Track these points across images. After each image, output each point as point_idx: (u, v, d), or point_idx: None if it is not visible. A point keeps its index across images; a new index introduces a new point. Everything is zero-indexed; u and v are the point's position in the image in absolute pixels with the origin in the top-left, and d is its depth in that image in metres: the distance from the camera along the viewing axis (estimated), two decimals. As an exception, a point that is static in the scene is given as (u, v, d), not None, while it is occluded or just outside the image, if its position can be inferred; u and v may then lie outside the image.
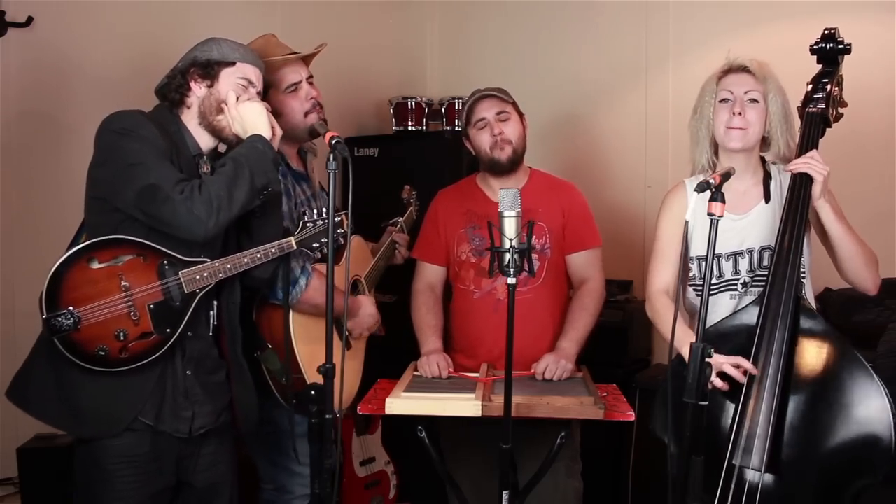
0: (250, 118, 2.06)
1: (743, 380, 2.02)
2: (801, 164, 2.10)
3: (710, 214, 1.82)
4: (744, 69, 2.23)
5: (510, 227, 1.93)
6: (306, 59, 2.51)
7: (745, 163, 2.25)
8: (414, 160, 3.70)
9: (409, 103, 3.86)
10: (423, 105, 3.88)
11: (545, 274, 2.64)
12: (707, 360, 1.82)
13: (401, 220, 2.88)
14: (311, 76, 2.49)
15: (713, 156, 2.30)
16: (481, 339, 2.62)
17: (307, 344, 2.31)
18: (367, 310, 2.57)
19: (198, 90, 2.10)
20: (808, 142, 2.17)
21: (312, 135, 2.44)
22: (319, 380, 1.95)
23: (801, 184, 2.11)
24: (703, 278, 1.88)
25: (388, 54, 4.23)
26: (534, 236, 2.41)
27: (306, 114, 2.44)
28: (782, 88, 2.23)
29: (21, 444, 2.55)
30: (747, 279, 2.25)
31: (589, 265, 2.69)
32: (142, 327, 1.94)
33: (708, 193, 1.84)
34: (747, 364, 2.02)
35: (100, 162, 2.00)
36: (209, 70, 2.09)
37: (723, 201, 1.83)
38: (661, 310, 2.30)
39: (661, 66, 3.76)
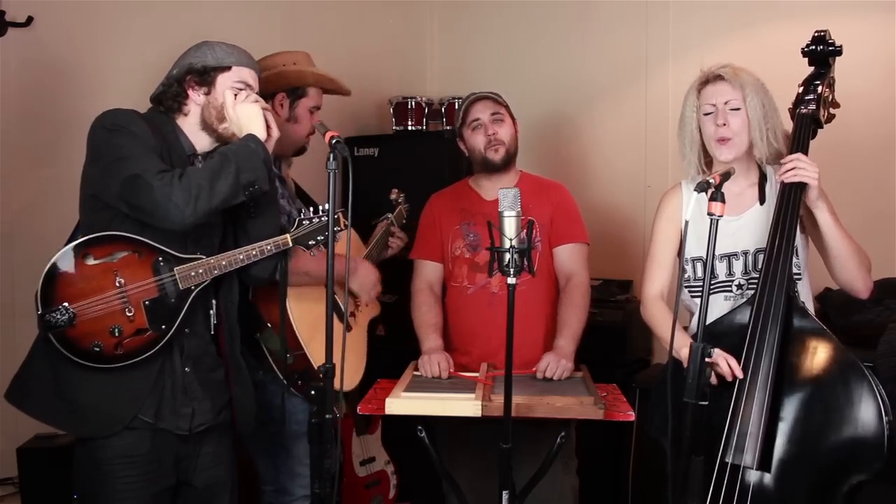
0: (246, 119, 2.06)
1: (730, 377, 2.04)
2: (790, 174, 2.10)
3: (710, 214, 1.83)
4: (720, 78, 2.23)
5: (510, 226, 1.93)
6: (327, 90, 2.66)
7: (738, 166, 2.24)
8: (414, 160, 3.70)
9: (409, 103, 3.86)
10: (423, 105, 3.88)
11: (537, 266, 2.67)
12: (707, 359, 1.83)
13: (391, 215, 2.89)
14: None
15: (702, 165, 2.30)
16: (476, 333, 2.65)
17: (305, 320, 2.34)
18: (366, 270, 2.60)
19: (196, 97, 2.10)
20: (799, 143, 2.18)
21: (299, 153, 2.62)
22: (321, 358, 1.95)
23: (793, 183, 2.11)
24: (703, 278, 1.89)
25: (388, 54, 4.23)
26: (523, 230, 2.45)
27: (308, 135, 2.57)
28: (761, 87, 2.23)
29: (21, 444, 2.55)
30: (742, 281, 2.25)
31: (574, 259, 2.71)
32: (137, 324, 1.94)
33: (706, 194, 1.84)
34: (735, 366, 2.03)
35: (91, 159, 2.01)
36: (206, 76, 2.09)
37: (723, 201, 1.84)
38: (656, 314, 2.32)
39: (661, 66, 3.76)
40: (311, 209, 2.19)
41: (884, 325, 2.72)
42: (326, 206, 2.03)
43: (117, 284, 1.93)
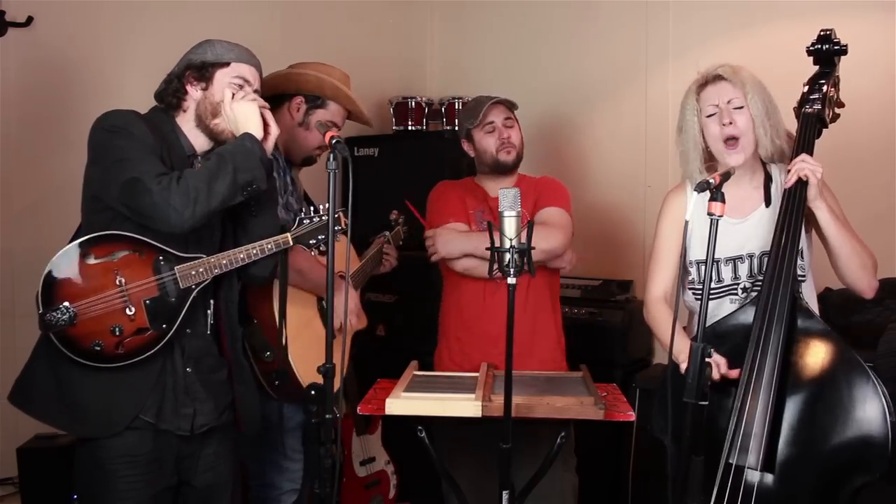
0: (242, 117, 2.06)
1: (716, 376, 2.03)
2: (793, 174, 2.10)
3: (709, 214, 1.82)
4: (719, 77, 2.22)
5: (510, 226, 1.93)
6: (349, 112, 2.70)
7: (743, 167, 2.24)
8: (414, 160, 3.70)
9: (409, 103, 3.86)
10: (423, 105, 3.88)
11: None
12: (707, 359, 1.83)
13: (388, 234, 2.90)
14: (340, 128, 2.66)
15: (705, 171, 2.28)
16: (479, 317, 2.66)
17: (289, 322, 2.33)
18: (349, 295, 2.57)
19: (194, 93, 2.10)
20: (804, 143, 2.17)
21: (305, 163, 2.63)
22: (300, 359, 1.95)
23: (797, 184, 2.11)
24: (703, 279, 1.89)
25: (388, 54, 4.23)
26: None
27: (318, 147, 2.59)
28: (760, 85, 2.22)
29: (21, 444, 2.55)
30: (747, 284, 2.25)
31: (551, 216, 2.68)
32: (137, 323, 1.94)
33: (707, 194, 1.84)
34: (725, 371, 2.04)
35: (91, 160, 2.02)
36: (204, 72, 2.09)
37: (723, 201, 1.83)
38: (658, 317, 2.31)
39: (661, 66, 3.76)
40: (312, 208, 2.19)
41: (884, 325, 2.72)
42: (327, 205, 2.03)
43: (118, 283, 1.93)
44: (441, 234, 2.68)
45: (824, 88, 2.24)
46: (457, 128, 2.89)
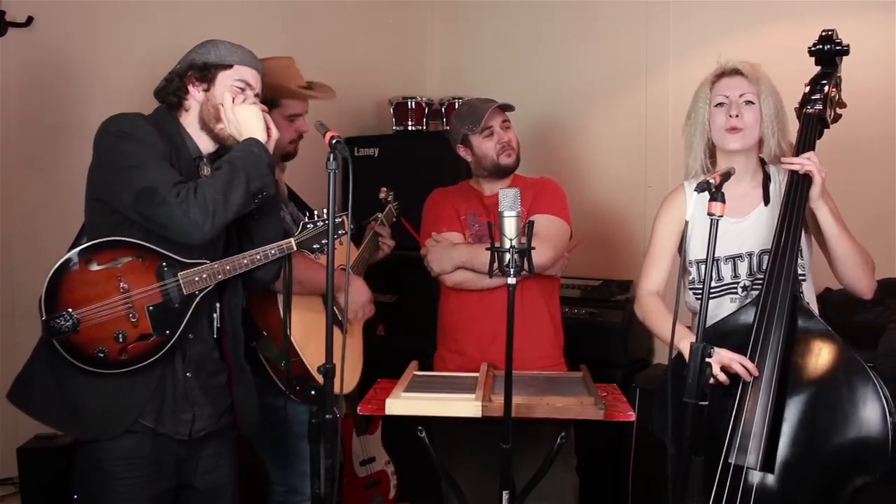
0: (246, 121, 2.06)
1: (748, 378, 2.03)
2: (798, 163, 2.09)
3: (710, 214, 1.82)
4: (737, 72, 2.23)
5: (510, 227, 1.93)
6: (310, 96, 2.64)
7: (743, 165, 2.24)
8: (414, 160, 3.69)
9: (409, 103, 3.86)
10: (423, 105, 3.88)
11: None
12: (707, 359, 1.83)
13: (381, 215, 2.91)
14: (307, 112, 2.60)
15: (707, 161, 2.31)
16: (475, 318, 2.67)
17: (300, 327, 2.35)
18: (358, 288, 2.62)
19: (195, 94, 2.10)
20: (805, 143, 2.17)
21: (285, 158, 2.59)
22: (316, 362, 1.96)
23: (799, 183, 2.11)
24: (703, 279, 1.89)
25: (388, 54, 4.23)
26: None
27: (290, 141, 2.56)
28: (775, 88, 2.23)
29: (21, 444, 2.55)
30: (747, 283, 2.25)
31: (540, 228, 2.58)
32: (141, 329, 1.94)
33: (707, 194, 1.84)
34: (751, 366, 2.03)
35: (98, 164, 2.01)
36: (206, 73, 2.09)
37: (723, 201, 1.83)
38: (649, 306, 2.30)
39: (661, 67, 3.76)
40: (315, 213, 2.19)
41: (884, 325, 2.72)
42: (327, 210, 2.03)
43: (121, 290, 1.93)
44: (431, 252, 2.70)
45: (826, 89, 2.24)
46: (449, 132, 2.87)
